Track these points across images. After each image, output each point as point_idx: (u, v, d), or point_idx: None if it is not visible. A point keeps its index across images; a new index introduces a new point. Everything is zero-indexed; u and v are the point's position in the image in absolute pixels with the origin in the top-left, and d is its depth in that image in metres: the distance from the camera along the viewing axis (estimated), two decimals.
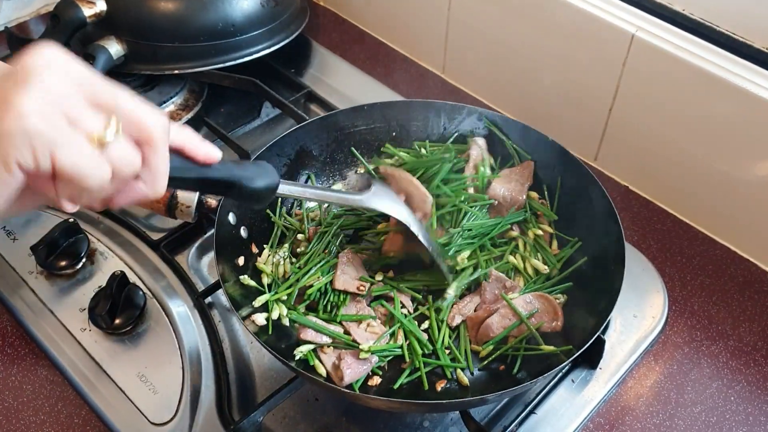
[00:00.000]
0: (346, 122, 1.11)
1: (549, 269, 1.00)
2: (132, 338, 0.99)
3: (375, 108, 1.11)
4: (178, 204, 0.88)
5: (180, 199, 0.88)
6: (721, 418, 0.94)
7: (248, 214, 1.01)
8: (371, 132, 1.13)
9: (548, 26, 1.19)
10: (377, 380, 0.90)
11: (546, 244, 1.04)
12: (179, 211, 0.89)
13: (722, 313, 1.06)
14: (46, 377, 0.97)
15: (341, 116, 1.11)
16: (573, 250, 1.01)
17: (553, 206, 1.06)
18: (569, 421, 0.93)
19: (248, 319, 0.89)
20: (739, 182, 1.08)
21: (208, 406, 0.92)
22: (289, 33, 1.35)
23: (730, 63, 1.03)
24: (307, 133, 1.09)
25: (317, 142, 1.10)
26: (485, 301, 0.97)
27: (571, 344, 0.88)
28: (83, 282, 1.05)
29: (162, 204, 0.88)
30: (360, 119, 1.11)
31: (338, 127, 1.11)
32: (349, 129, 1.12)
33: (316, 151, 1.11)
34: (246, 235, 1.00)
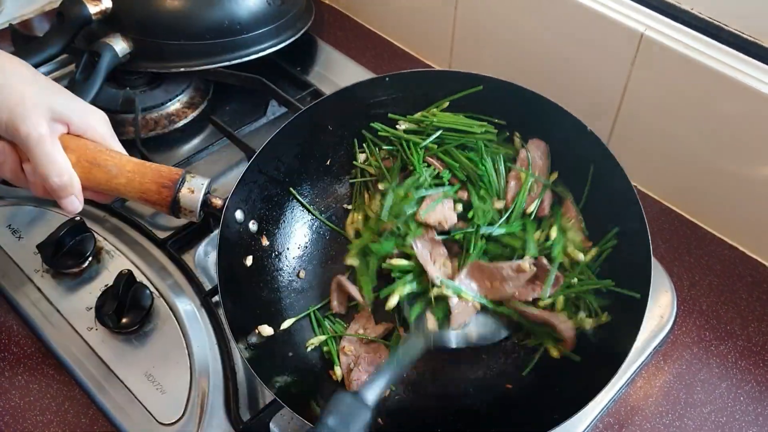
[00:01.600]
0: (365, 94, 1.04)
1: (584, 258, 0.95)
2: (139, 337, 0.99)
3: (394, 77, 1.04)
4: (181, 208, 0.87)
5: (183, 203, 0.86)
6: (731, 418, 0.94)
7: (258, 205, 0.99)
8: (394, 102, 1.05)
9: (556, 25, 1.19)
10: (388, 392, 0.90)
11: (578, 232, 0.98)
12: (183, 214, 0.88)
13: (731, 313, 1.06)
14: (52, 376, 0.96)
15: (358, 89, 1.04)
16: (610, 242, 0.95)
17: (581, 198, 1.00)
18: (578, 421, 0.92)
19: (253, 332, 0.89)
20: (747, 182, 1.08)
21: (216, 406, 0.92)
22: (295, 31, 1.35)
23: (739, 62, 1.02)
24: (322, 110, 1.03)
25: (333, 118, 1.05)
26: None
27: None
28: (90, 281, 1.04)
29: (165, 207, 0.87)
30: (379, 90, 1.04)
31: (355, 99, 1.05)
32: (368, 100, 1.05)
33: (332, 126, 1.05)
34: (256, 228, 0.98)
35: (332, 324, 0.98)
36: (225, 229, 0.92)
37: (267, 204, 1.01)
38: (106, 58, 1.19)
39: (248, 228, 0.98)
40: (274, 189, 1.02)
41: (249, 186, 0.97)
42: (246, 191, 0.97)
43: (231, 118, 1.31)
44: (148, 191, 0.86)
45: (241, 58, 1.26)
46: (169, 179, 0.86)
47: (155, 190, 0.86)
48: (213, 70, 1.26)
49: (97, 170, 0.84)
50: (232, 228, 0.94)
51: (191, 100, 1.30)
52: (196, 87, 1.32)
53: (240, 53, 1.26)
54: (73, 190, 0.84)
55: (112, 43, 1.20)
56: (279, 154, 1.01)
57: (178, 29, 1.23)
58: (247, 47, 1.27)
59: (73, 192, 0.84)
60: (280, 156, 1.02)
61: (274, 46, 1.30)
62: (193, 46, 1.24)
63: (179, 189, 0.87)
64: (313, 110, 1.03)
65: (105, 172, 0.85)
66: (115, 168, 0.86)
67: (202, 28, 1.24)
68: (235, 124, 1.27)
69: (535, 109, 1.01)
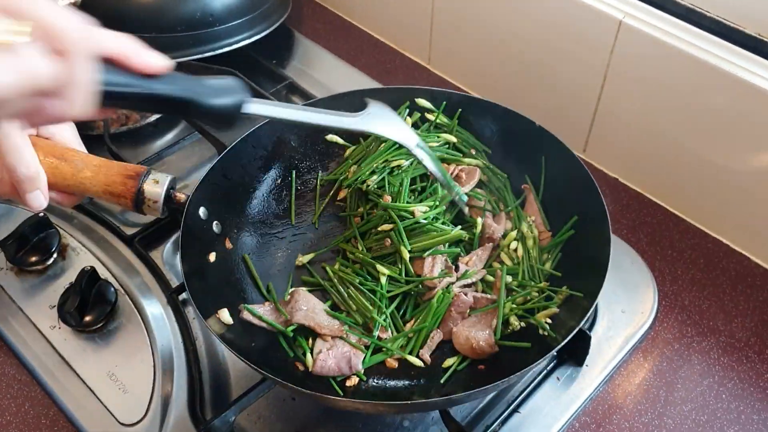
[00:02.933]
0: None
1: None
2: (103, 336, 0.96)
3: (355, 96, 1.06)
4: (145, 199, 0.85)
5: (146, 194, 0.85)
6: (712, 417, 0.91)
7: (222, 208, 0.97)
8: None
9: (534, 14, 1.16)
10: (355, 380, 0.87)
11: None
12: (146, 207, 0.86)
13: (714, 308, 1.03)
14: (13, 376, 0.94)
15: (320, 105, 1.07)
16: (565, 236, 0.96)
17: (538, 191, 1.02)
18: (554, 420, 0.90)
19: (213, 317, 0.86)
20: (732, 173, 1.05)
21: (180, 405, 0.89)
22: (270, 23, 1.32)
23: (722, 49, 1.00)
24: (286, 124, 1.05)
25: (296, 132, 1.07)
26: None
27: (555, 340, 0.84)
28: (54, 278, 1.02)
29: (129, 199, 0.85)
30: (341, 108, 1.06)
31: None
32: None
33: (295, 142, 1.07)
34: (219, 231, 0.97)
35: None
36: (188, 222, 0.90)
37: (231, 209, 0.99)
38: None
39: (211, 227, 0.95)
40: (238, 195, 1.00)
41: (213, 187, 0.96)
42: (209, 191, 0.95)
43: None
44: (113, 183, 0.85)
45: (213, 51, 1.24)
46: (135, 171, 0.86)
47: (120, 182, 0.85)
48: (185, 64, 1.24)
49: (63, 165, 0.83)
50: (195, 223, 0.92)
51: None
52: None
53: (213, 46, 1.24)
54: (39, 184, 0.82)
55: None
56: (243, 161, 1.01)
57: (148, 21, 1.21)
58: (220, 40, 1.25)
59: (39, 186, 0.82)
60: (244, 164, 1.01)
61: (248, 39, 1.28)
62: (165, 39, 1.22)
63: (144, 180, 0.86)
64: (275, 123, 1.02)
65: (72, 166, 0.84)
66: (81, 162, 0.84)
67: (173, 20, 1.21)
68: None
69: (487, 115, 1.05)
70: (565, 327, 0.85)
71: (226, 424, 0.86)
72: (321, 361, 0.84)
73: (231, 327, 0.87)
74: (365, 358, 0.87)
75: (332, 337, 0.88)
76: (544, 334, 0.87)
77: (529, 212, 1.02)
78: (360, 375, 0.87)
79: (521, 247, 0.97)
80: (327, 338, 0.88)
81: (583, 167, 0.94)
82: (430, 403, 0.84)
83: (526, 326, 0.90)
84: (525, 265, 0.95)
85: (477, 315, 0.91)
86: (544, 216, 1.00)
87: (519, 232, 0.98)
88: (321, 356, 0.85)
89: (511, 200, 1.03)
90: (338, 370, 0.85)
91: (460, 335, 0.89)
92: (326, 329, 0.88)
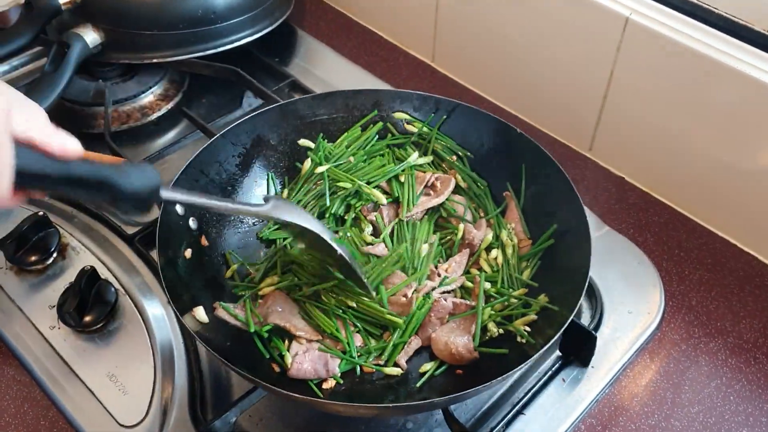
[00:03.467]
0: (307, 111, 1.06)
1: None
2: (103, 336, 0.95)
3: (336, 96, 1.07)
4: None
5: None
6: (720, 419, 0.90)
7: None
8: (333, 122, 1.08)
9: (539, 11, 1.15)
10: (332, 383, 0.86)
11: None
12: None
13: (721, 308, 1.02)
14: (12, 377, 0.93)
15: (301, 104, 1.06)
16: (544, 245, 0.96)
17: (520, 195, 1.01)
18: (559, 422, 0.89)
19: (188, 314, 0.85)
20: (739, 172, 1.03)
21: (181, 406, 0.88)
22: (272, 20, 1.31)
23: (730, 46, 0.99)
24: (265, 121, 1.04)
25: (276, 131, 1.05)
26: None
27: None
28: (54, 278, 1.01)
29: None
30: (322, 108, 1.07)
31: (298, 115, 1.06)
32: (310, 118, 1.07)
33: (274, 140, 1.06)
34: (195, 227, 0.95)
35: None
36: (164, 217, 0.90)
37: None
38: (76, 49, 1.16)
39: (188, 223, 0.95)
40: (216, 193, 0.99)
41: (190, 182, 0.95)
42: (186, 186, 0.94)
43: (206, 110, 1.28)
44: None
45: (215, 48, 1.23)
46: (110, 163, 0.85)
47: None
48: (187, 61, 1.23)
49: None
50: (172, 218, 0.91)
51: (165, 92, 1.26)
52: (170, 79, 1.28)
53: (214, 43, 1.23)
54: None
55: (82, 34, 1.17)
56: (221, 158, 1.00)
57: (150, 19, 1.19)
58: (222, 37, 1.24)
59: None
60: (222, 161, 1.00)
61: (250, 36, 1.27)
62: (167, 37, 1.20)
63: None
64: (255, 120, 1.02)
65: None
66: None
67: (175, 18, 1.20)
68: (211, 116, 1.24)
69: (472, 121, 1.05)
70: (543, 335, 0.84)
71: (227, 425, 0.85)
72: (297, 363, 0.83)
73: (207, 326, 0.86)
74: (341, 362, 0.86)
75: (307, 341, 0.87)
76: (522, 341, 0.87)
77: (509, 219, 1.01)
78: (337, 378, 0.86)
79: (500, 254, 0.97)
80: (302, 341, 0.87)
81: (565, 176, 0.95)
82: (412, 406, 0.83)
83: (504, 333, 0.89)
84: (504, 273, 0.95)
85: (456, 321, 0.91)
86: (525, 224, 0.99)
87: (498, 240, 0.98)
88: (297, 359, 0.84)
89: (491, 208, 1.02)
90: (315, 373, 0.84)
91: (439, 341, 0.88)
92: (301, 331, 0.87)
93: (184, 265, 0.91)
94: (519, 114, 1.28)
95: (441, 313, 0.90)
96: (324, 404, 0.83)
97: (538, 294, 0.91)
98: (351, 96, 1.07)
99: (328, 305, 0.90)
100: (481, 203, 1.03)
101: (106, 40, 1.19)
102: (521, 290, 0.93)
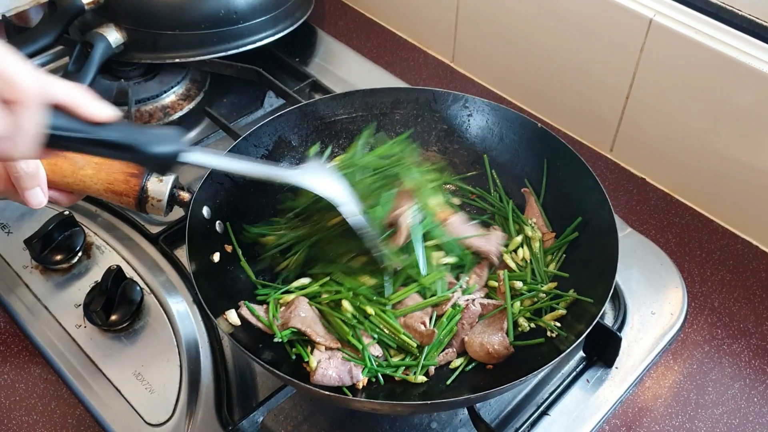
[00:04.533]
0: (327, 111, 1.07)
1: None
2: (129, 335, 0.96)
3: (355, 95, 1.07)
4: (149, 198, 0.85)
5: (150, 192, 0.85)
6: (744, 420, 0.90)
7: (225, 208, 0.97)
8: (353, 121, 1.08)
9: (562, 12, 1.15)
10: (365, 381, 0.86)
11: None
12: (150, 206, 0.86)
13: (744, 309, 1.02)
14: (39, 375, 0.94)
15: (321, 105, 1.07)
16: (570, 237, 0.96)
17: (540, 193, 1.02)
18: (583, 423, 0.89)
19: (221, 317, 0.85)
20: (761, 173, 1.04)
21: (207, 405, 0.89)
22: (293, 20, 1.32)
23: (753, 47, 0.99)
24: (287, 122, 1.05)
25: (297, 132, 1.06)
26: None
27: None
28: (79, 277, 1.02)
29: (132, 198, 0.85)
30: (341, 108, 1.07)
31: (318, 116, 1.07)
32: (330, 118, 1.07)
33: (295, 142, 1.06)
34: (221, 231, 0.96)
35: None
36: (193, 222, 0.90)
37: (233, 210, 0.98)
38: (98, 48, 1.16)
39: (215, 227, 0.95)
40: (239, 196, 1.00)
41: (216, 186, 0.96)
42: (212, 190, 0.95)
43: (228, 110, 1.29)
44: (115, 181, 0.85)
45: (237, 49, 1.23)
46: (137, 169, 0.86)
47: (123, 180, 0.86)
48: (209, 61, 1.24)
49: (63, 161, 0.82)
50: (200, 223, 0.92)
51: (187, 92, 1.27)
52: (192, 78, 1.29)
53: (236, 43, 1.23)
54: (38, 180, 0.81)
55: (105, 34, 1.18)
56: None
57: (172, 19, 1.20)
58: (243, 37, 1.24)
59: (39, 183, 0.81)
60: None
61: (271, 36, 1.27)
62: (188, 37, 1.21)
63: (147, 178, 0.86)
64: (276, 122, 1.03)
65: (71, 163, 0.84)
66: (82, 160, 0.84)
67: (197, 18, 1.21)
68: (232, 116, 1.25)
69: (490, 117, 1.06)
70: (573, 329, 0.85)
71: (254, 425, 0.86)
72: (322, 369, 0.83)
73: (238, 328, 0.87)
74: (364, 369, 0.86)
75: (327, 348, 0.87)
76: (552, 335, 0.87)
77: (529, 215, 1.02)
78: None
79: (526, 250, 0.98)
80: (321, 347, 0.87)
81: (589, 169, 0.95)
82: (447, 402, 0.82)
83: (534, 328, 0.90)
84: (534, 266, 0.96)
85: (485, 321, 0.91)
86: (546, 218, 1.00)
87: (524, 237, 0.99)
88: (323, 364, 0.84)
89: (509, 213, 1.02)
90: (339, 380, 0.84)
91: (473, 343, 0.89)
92: (321, 338, 0.87)
93: (213, 269, 0.91)
94: (539, 114, 1.28)
95: (471, 318, 0.91)
96: (360, 403, 0.83)
97: (566, 289, 0.92)
98: (369, 94, 1.08)
99: (345, 314, 0.90)
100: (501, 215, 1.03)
101: (129, 40, 1.20)
102: (550, 284, 0.93)
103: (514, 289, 0.93)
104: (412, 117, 1.09)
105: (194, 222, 0.90)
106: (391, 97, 1.08)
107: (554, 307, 0.90)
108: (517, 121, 1.04)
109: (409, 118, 1.09)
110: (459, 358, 0.89)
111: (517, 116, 1.04)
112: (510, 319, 0.89)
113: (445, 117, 1.08)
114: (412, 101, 1.08)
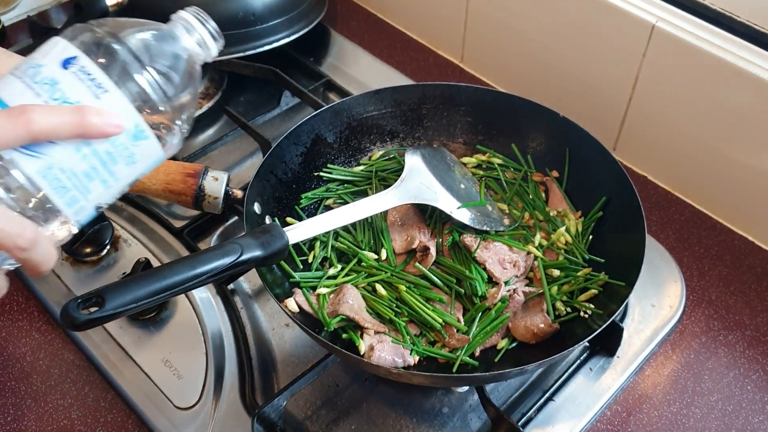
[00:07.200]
0: (358, 108, 1.12)
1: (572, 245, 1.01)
2: (156, 324, 1.01)
3: (385, 93, 1.12)
4: (206, 196, 0.89)
5: (207, 191, 0.89)
6: (738, 407, 0.95)
7: (272, 203, 1.02)
8: (383, 117, 1.14)
9: (568, 16, 1.19)
10: (416, 358, 0.91)
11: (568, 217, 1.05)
12: (206, 203, 0.90)
13: (740, 303, 1.07)
14: (72, 362, 0.99)
15: (353, 102, 1.12)
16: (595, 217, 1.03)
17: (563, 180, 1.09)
18: (587, 408, 0.94)
19: (282, 303, 0.90)
20: (758, 173, 1.08)
21: (232, 390, 0.94)
22: (308, 22, 1.36)
23: (751, 53, 1.03)
24: (322, 121, 1.10)
25: (332, 129, 1.11)
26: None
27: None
28: (108, 269, 1.07)
29: (189, 197, 0.89)
30: (371, 104, 1.12)
31: (350, 113, 1.12)
32: (362, 115, 1.13)
33: (330, 138, 1.11)
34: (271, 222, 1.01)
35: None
36: (248, 217, 0.94)
37: (278, 204, 1.03)
38: None
39: (265, 221, 1.00)
40: (283, 192, 1.05)
41: (263, 183, 1.00)
42: (261, 187, 0.99)
43: (245, 108, 1.33)
44: (173, 181, 0.89)
45: (255, 49, 1.28)
46: (193, 170, 0.90)
47: (180, 180, 0.90)
48: (227, 61, 1.28)
49: None
50: (253, 218, 0.96)
51: (206, 91, 1.32)
52: (210, 78, 1.33)
53: (254, 44, 1.28)
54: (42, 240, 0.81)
55: None
56: (286, 159, 1.06)
57: None
58: (261, 38, 1.29)
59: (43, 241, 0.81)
60: (287, 161, 1.06)
61: (287, 37, 1.32)
62: None
63: (204, 178, 0.90)
64: (312, 120, 1.08)
65: None
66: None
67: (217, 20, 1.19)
68: (249, 114, 1.29)
69: (512, 110, 1.12)
70: (606, 308, 0.91)
71: (277, 409, 0.90)
72: (378, 352, 0.88)
73: (297, 315, 0.91)
74: (411, 351, 0.91)
75: (375, 332, 0.92)
76: (585, 315, 0.93)
77: (554, 206, 1.07)
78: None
79: (565, 234, 1.02)
80: (370, 332, 0.92)
81: (612, 156, 1.01)
82: (505, 373, 0.87)
83: (571, 310, 0.95)
84: (576, 247, 1.01)
85: (524, 306, 0.96)
86: (571, 204, 1.06)
87: (567, 224, 1.04)
88: (378, 347, 0.89)
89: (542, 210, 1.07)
90: (393, 362, 0.88)
91: (518, 326, 0.93)
92: (369, 323, 0.92)
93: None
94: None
95: (515, 307, 0.95)
96: (412, 376, 0.87)
97: (596, 272, 0.97)
98: (399, 91, 1.13)
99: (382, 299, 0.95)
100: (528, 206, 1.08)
101: None
102: (585, 270, 0.98)
103: (552, 277, 0.98)
104: (438, 111, 1.14)
105: (248, 217, 0.94)
106: (418, 93, 1.13)
107: (588, 288, 0.96)
108: (539, 112, 1.09)
109: (435, 112, 1.14)
110: (503, 339, 0.94)
111: (539, 107, 1.09)
112: (548, 301, 0.94)
113: (469, 110, 1.14)
114: (438, 96, 1.13)
